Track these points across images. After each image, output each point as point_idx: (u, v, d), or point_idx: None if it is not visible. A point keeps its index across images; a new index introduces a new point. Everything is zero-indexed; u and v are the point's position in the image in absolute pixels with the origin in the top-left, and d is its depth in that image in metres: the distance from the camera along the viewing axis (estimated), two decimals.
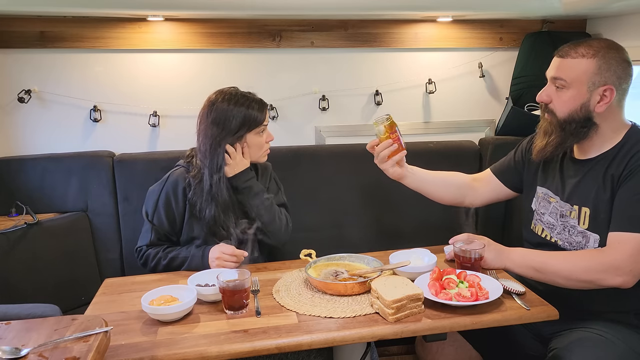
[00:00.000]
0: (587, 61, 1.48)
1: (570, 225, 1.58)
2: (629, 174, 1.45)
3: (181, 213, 1.75)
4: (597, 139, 1.54)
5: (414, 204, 2.23)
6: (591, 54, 1.48)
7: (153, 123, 2.32)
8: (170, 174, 1.80)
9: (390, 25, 2.42)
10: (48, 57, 2.22)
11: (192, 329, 1.32)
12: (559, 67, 1.51)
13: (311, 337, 1.27)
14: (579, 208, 1.55)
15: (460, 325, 1.33)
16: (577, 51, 1.49)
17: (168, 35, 2.27)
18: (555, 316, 1.37)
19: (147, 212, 1.77)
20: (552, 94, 1.54)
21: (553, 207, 1.63)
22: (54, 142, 2.27)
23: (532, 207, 1.73)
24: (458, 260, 1.58)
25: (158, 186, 1.79)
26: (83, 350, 0.99)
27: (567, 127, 1.52)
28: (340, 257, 1.68)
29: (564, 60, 1.50)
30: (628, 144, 1.50)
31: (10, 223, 1.97)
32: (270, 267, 1.67)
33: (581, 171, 1.57)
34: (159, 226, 1.75)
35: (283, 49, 2.37)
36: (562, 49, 1.53)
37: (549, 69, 1.55)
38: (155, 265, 1.73)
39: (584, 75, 1.48)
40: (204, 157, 1.72)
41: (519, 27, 2.49)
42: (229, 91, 1.76)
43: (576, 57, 1.49)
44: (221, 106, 1.72)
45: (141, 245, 1.78)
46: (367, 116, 2.52)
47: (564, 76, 1.50)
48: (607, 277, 1.41)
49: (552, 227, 1.63)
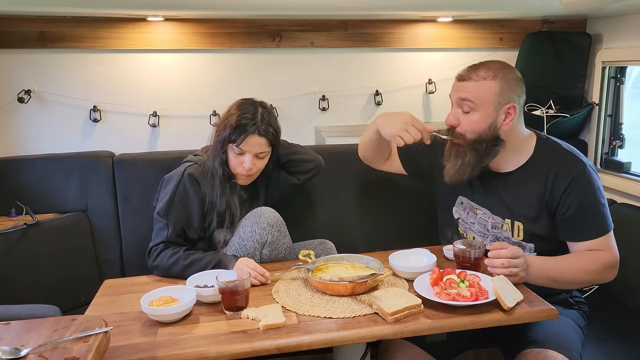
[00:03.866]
0: (489, 83, 1.54)
1: (504, 236, 1.67)
2: (566, 196, 1.55)
3: (199, 206, 1.72)
4: (508, 152, 1.62)
5: (414, 204, 2.24)
6: (491, 76, 1.55)
7: (153, 123, 2.32)
8: (185, 169, 1.75)
9: (390, 25, 2.42)
10: (48, 57, 2.22)
11: (192, 330, 1.32)
12: (465, 89, 1.57)
13: (311, 338, 1.27)
14: (512, 222, 1.65)
15: (460, 325, 1.33)
16: (478, 74, 1.55)
17: (168, 36, 2.27)
18: (555, 316, 1.37)
19: (161, 211, 1.71)
20: (459, 116, 1.59)
21: (480, 218, 1.71)
22: (54, 142, 2.27)
23: (454, 215, 1.79)
24: (458, 260, 1.58)
25: (172, 183, 1.73)
26: (83, 350, 0.99)
27: (478, 148, 1.58)
28: (340, 258, 1.68)
29: (467, 84, 1.57)
30: (541, 157, 1.61)
31: (10, 223, 1.96)
32: (270, 267, 1.67)
33: (505, 186, 1.65)
34: (176, 222, 1.69)
35: (283, 49, 2.37)
36: (461, 74, 1.59)
37: (453, 92, 1.61)
38: (171, 266, 1.63)
39: (490, 96, 1.54)
40: (211, 153, 1.76)
41: (519, 27, 2.49)
42: (250, 100, 1.77)
43: (478, 80, 1.55)
44: (229, 108, 1.76)
45: (157, 243, 1.68)
46: (367, 116, 2.52)
47: (471, 97, 1.55)
48: (610, 275, 1.58)
49: (484, 235, 1.71)
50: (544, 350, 1.45)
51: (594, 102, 2.37)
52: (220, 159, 1.72)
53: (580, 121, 2.39)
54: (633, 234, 1.92)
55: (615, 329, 1.80)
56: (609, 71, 2.34)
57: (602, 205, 1.57)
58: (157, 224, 1.72)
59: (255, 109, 1.72)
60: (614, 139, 2.36)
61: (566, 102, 2.37)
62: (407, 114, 1.65)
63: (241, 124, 1.68)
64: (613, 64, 2.32)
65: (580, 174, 1.56)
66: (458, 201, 1.78)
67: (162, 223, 1.70)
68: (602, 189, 1.59)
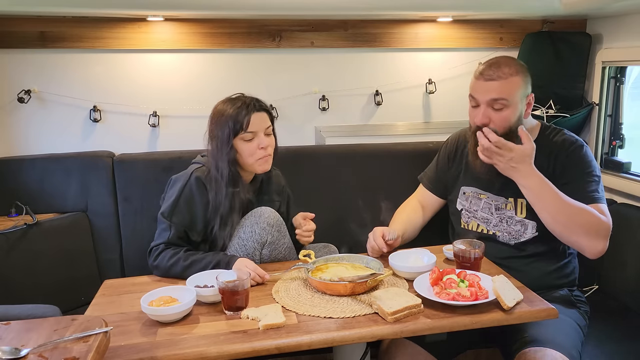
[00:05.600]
0: (515, 78, 1.65)
1: (507, 216, 1.76)
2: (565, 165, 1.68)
3: (203, 209, 1.71)
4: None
5: None
6: (515, 71, 1.65)
7: (153, 123, 2.32)
8: (193, 171, 1.74)
9: (390, 25, 2.42)
10: (48, 57, 2.22)
11: (192, 330, 1.32)
12: (496, 89, 1.64)
13: (311, 338, 1.26)
14: (515, 200, 1.74)
15: (460, 325, 1.33)
16: (503, 71, 1.64)
17: (168, 36, 2.27)
18: (554, 315, 1.37)
19: (166, 212, 1.69)
20: (490, 115, 1.66)
21: (485, 202, 1.81)
22: (54, 142, 2.27)
23: (457, 207, 1.88)
24: (458, 260, 1.59)
25: (179, 185, 1.72)
26: (83, 350, 0.99)
27: (509, 139, 1.64)
28: (340, 258, 1.68)
29: (496, 83, 1.64)
30: (544, 140, 1.73)
31: (9, 223, 1.96)
32: (270, 267, 1.67)
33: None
34: (180, 224, 1.69)
35: (283, 49, 2.37)
36: (486, 74, 1.66)
37: (484, 93, 1.66)
38: (171, 266, 1.62)
39: (519, 91, 1.66)
40: (213, 157, 1.72)
41: (519, 27, 2.49)
42: (229, 96, 1.75)
43: (507, 77, 1.64)
44: (214, 110, 1.74)
45: (158, 243, 1.67)
46: (367, 116, 2.52)
47: (504, 96, 1.64)
48: (601, 239, 1.59)
49: (487, 221, 1.80)
50: (543, 349, 1.45)
51: (594, 102, 2.37)
52: (228, 158, 1.69)
53: (580, 121, 2.39)
54: (633, 234, 1.92)
55: (615, 328, 1.80)
56: (609, 71, 2.34)
57: (597, 176, 1.68)
58: (160, 224, 1.71)
59: (239, 96, 1.74)
60: (614, 139, 2.36)
61: (566, 102, 2.37)
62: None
63: (240, 109, 1.68)
64: (613, 64, 2.31)
65: (579, 148, 1.70)
66: (461, 192, 1.86)
67: (165, 224, 1.69)
68: (596, 165, 1.71)
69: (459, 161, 1.90)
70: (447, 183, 1.93)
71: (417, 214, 1.96)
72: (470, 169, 1.83)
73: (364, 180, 2.26)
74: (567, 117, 2.33)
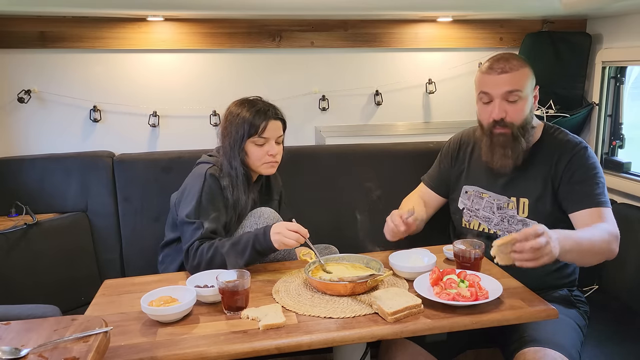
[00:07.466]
0: (525, 70, 1.67)
1: (509, 215, 1.76)
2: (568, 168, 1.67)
3: (224, 205, 1.71)
4: None
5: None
6: (522, 63, 1.67)
7: (153, 123, 2.32)
8: (207, 170, 1.73)
9: (390, 25, 2.42)
10: (48, 57, 2.22)
11: (192, 330, 1.31)
12: (509, 81, 1.64)
13: (311, 338, 1.26)
14: (517, 199, 1.74)
15: (460, 325, 1.33)
16: (514, 64, 1.65)
17: (168, 36, 2.27)
18: (554, 316, 1.37)
19: (191, 213, 1.66)
20: (505, 108, 1.66)
21: (487, 201, 1.80)
22: (54, 142, 2.27)
23: (459, 206, 1.87)
24: (458, 260, 1.59)
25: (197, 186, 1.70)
26: (83, 350, 0.99)
27: (526, 132, 1.68)
28: (340, 258, 1.68)
29: (508, 75, 1.66)
30: (547, 140, 1.73)
31: (9, 223, 1.96)
32: (270, 267, 1.67)
33: (513, 167, 1.72)
34: (209, 219, 1.66)
35: (283, 49, 2.37)
36: (497, 67, 1.66)
37: (498, 87, 1.66)
38: (212, 257, 1.58)
39: (529, 82, 1.67)
40: (225, 155, 1.76)
41: (519, 27, 2.49)
42: (247, 97, 1.79)
43: (518, 69, 1.65)
44: (231, 109, 1.77)
45: (192, 241, 1.63)
46: (367, 116, 2.52)
47: (519, 87, 1.64)
48: (615, 247, 1.56)
49: (489, 220, 1.79)
50: (542, 349, 1.45)
51: (594, 102, 2.37)
52: (240, 159, 1.73)
53: (580, 121, 2.39)
54: (633, 234, 1.92)
55: (615, 329, 1.80)
56: (609, 71, 2.34)
57: (602, 179, 1.67)
58: (188, 227, 1.66)
59: (257, 99, 1.79)
60: (614, 139, 2.37)
61: (566, 102, 2.38)
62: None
63: (258, 114, 1.73)
64: (613, 64, 2.32)
65: (583, 150, 1.69)
66: (462, 191, 1.86)
67: (195, 223, 1.65)
68: (600, 169, 1.69)
69: (462, 160, 1.90)
70: (449, 182, 1.93)
71: (422, 207, 1.95)
72: (472, 168, 1.83)
73: (364, 180, 2.26)
74: (567, 117, 2.33)
